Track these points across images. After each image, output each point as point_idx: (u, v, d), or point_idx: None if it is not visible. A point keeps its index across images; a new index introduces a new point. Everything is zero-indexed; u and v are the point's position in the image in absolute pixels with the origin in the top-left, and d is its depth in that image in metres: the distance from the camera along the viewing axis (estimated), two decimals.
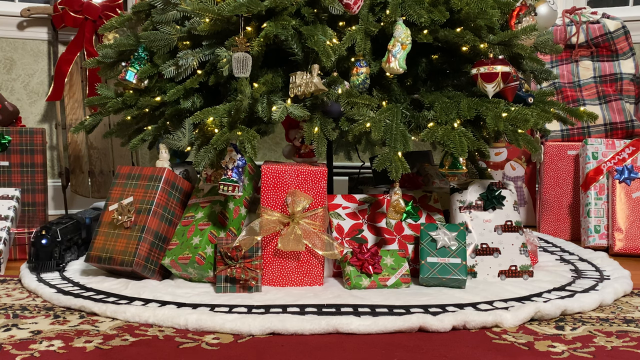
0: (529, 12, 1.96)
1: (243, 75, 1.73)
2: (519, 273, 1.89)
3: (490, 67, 1.83)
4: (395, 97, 1.92)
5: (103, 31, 2.17)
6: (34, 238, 1.93)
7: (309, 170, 1.82)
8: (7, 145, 2.65)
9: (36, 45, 3.27)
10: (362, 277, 1.77)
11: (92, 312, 1.54)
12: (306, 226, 1.79)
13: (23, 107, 3.26)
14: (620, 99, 2.79)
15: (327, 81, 1.81)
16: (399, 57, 1.78)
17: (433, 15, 1.81)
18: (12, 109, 2.77)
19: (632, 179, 2.47)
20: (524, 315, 1.50)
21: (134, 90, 2.06)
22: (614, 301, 1.70)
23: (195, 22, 1.85)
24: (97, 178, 3.17)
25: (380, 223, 1.95)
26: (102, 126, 3.10)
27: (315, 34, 1.76)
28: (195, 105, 1.96)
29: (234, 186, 1.75)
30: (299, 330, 1.41)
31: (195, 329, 1.43)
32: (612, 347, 1.34)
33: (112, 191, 1.94)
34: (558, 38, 2.88)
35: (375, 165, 1.74)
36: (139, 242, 1.80)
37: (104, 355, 1.27)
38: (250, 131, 1.75)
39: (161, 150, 2.02)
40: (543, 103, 2.02)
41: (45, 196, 2.73)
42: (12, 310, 1.58)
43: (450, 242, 1.81)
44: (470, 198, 1.94)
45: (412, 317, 1.45)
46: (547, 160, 2.77)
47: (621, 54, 2.84)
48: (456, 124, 1.79)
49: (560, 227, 2.76)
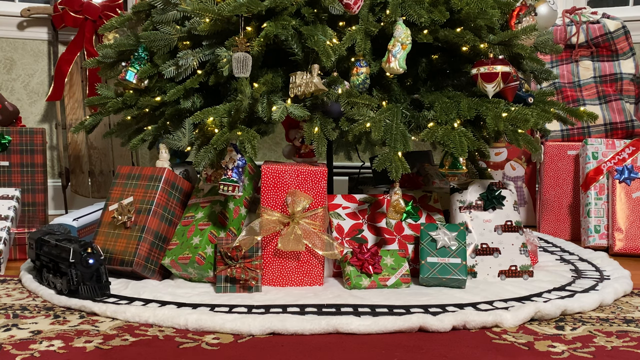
0: (529, 12, 1.96)
1: (243, 75, 1.73)
2: (519, 273, 1.89)
3: (490, 67, 1.83)
4: (395, 97, 1.92)
5: (103, 31, 2.17)
6: (74, 258, 1.62)
7: (309, 170, 1.82)
8: (7, 145, 2.65)
9: (36, 45, 3.27)
10: (362, 277, 1.77)
11: (92, 312, 1.54)
12: (306, 226, 1.79)
13: (23, 107, 3.25)
14: (620, 99, 2.79)
15: (327, 81, 1.81)
16: (399, 57, 1.78)
17: (433, 15, 1.81)
18: (12, 109, 2.77)
19: (632, 179, 2.47)
20: (524, 315, 1.50)
21: (134, 90, 2.06)
22: (614, 301, 1.70)
23: (195, 22, 1.85)
24: (97, 178, 3.17)
25: (380, 223, 1.95)
26: (102, 126, 3.10)
27: (315, 34, 1.76)
28: (195, 105, 1.96)
29: (234, 186, 1.75)
30: (299, 330, 1.41)
31: (195, 329, 1.43)
32: (612, 347, 1.34)
33: (112, 191, 1.94)
34: (558, 38, 2.88)
35: (375, 165, 1.74)
36: (139, 242, 1.80)
37: (104, 355, 1.27)
38: (250, 131, 1.75)
39: (161, 150, 2.01)
40: (543, 103, 2.02)
41: (45, 196, 2.73)
42: (12, 310, 1.58)
43: (450, 242, 1.81)
44: (470, 198, 1.94)
45: (412, 317, 1.45)
46: (547, 160, 2.77)
47: (621, 54, 2.84)
48: (456, 124, 1.79)
49: (560, 227, 2.75)
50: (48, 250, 1.74)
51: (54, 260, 1.70)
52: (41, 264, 1.78)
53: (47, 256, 1.74)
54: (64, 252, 1.65)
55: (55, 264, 1.69)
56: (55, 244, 1.70)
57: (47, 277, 1.73)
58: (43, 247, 1.76)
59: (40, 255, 1.77)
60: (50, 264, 1.72)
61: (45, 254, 1.75)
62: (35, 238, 1.81)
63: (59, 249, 1.68)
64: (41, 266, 1.78)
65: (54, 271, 1.70)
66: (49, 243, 1.74)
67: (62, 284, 1.64)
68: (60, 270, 1.67)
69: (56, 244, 1.70)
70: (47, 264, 1.74)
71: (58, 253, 1.68)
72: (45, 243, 1.76)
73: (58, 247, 1.69)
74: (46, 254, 1.75)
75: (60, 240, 1.71)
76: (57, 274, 1.68)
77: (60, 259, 1.66)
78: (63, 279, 1.64)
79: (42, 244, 1.77)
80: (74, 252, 1.62)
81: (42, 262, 1.78)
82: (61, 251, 1.66)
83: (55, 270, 1.70)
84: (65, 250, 1.64)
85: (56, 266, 1.69)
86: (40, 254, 1.77)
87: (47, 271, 1.74)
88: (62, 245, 1.67)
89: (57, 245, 1.69)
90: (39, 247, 1.78)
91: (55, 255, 1.70)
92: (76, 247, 1.63)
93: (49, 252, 1.73)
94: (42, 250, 1.76)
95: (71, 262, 1.61)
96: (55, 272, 1.69)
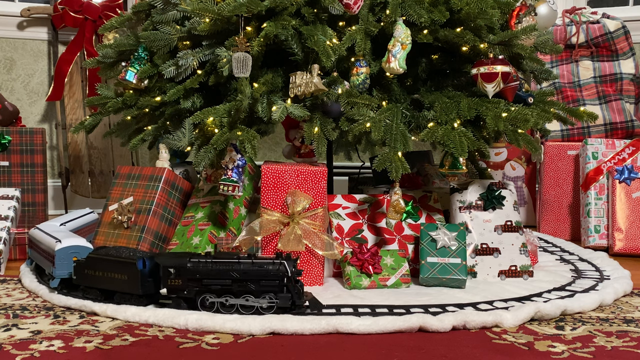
0: (529, 12, 1.96)
1: (243, 75, 1.73)
2: (519, 273, 1.89)
3: (490, 67, 1.83)
4: (395, 97, 1.92)
5: (103, 31, 2.17)
6: (289, 274, 1.51)
7: (309, 170, 1.82)
8: (7, 145, 2.65)
9: (36, 45, 3.27)
10: (362, 277, 1.77)
11: (92, 312, 1.54)
12: (306, 226, 1.79)
13: (23, 107, 3.25)
14: (620, 99, 2.79)
15: (327, 81, 1.81)
16: (399, 57, 1.78)
17: (433, 15, 1.81)
18: (12, 109, 2.77)
19: (632, 179, 2.47)
20: (524, 315, 1.50)
21: (134, 90, 2.06)
22: (614, 301, 1.70)
23: (195, 22, 1.85)
24: (97, 178, 3.17)
25: (380, 223, 1.95)
26: (102, 126, 3.10)
27: (315, 34, 1.76)
28: (195, 105, 1.96)
29: (234, 186, 1.75)
30: (299, 330, 1.41)
31: (195, 328, 1.42)
32: (612, 347, 1.34)
33: (112, 191, 1.94)
34: (558, 38, 2.88)
35: (375, 165, 1.74)
36: (139, 242, 1.80)
37: (104, 355, 1.27)
38: (250, 131, 1.75)
39: (161, 150, 2.02)
40: (543, 103, 2.02)
41: (45, 196, 2.73)
42: (12, 310, 1.58)
43: (450, 242, 1.81)
44: (470, 198, 1.94)
45: (412, 317, 1.45)
46: (547, 160, 2.77)
47: (621, 54, 2.84)
48: (456, 124, 1.79)
49: (560, 227, 2.75)
50: (219, 271, 1.53)
51: (240, 281, 1.51)
52: (200, 289, 1.54)
53: (222, 278, 1.53)
54: (266, 271, 1.51)
55: (242, 284, 1.51)
56: (252, 264, 1.52)
57: (219, 302, 1.53)
58: (201, 271, 1.53)
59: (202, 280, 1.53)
60: (229, 286, 1.52)
61: (217, 276, 1.53)
62: (176, 265, 1.55)
63: (255, 268, 1.52)
64: (199, 292, 1.54)
65: (236, 293, 1.52)
66: (211, 265, 1.53)
67: (270, 302, 1.51)
68: (250, 291, 1.51)
69: (252, 263, 1.52)
70: (215, 286, 1.52)
71: (255, 272, 1.51)
72: (205, 266, 1.53)
73: (255, 265, 1.52)
74: (219, 275, 1.53)
75: (239, 259, 1.53)
76: (245, 295, 1.51)
77: (256, 276, 1.51)
78: (263, 299, 1.50)
79: (200, 268, 1.53)
80: (285, 269, 1.50)
81: (201, 288, 1.53)
82: (259, 270, 1.51)
83: (239, 293, 1.52)
84: (269, 269, 1.51)
85: (242, 286, 1.52)
86: (202, 279, 1.53)
87: (217, 295, 1.53)
88: (259, 263, 1.52)
89: (255, 264, 1.52)
90: (194, 273, 1.53)
91: (248, 274, 1.52)
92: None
93: (223, 273, 1.52)
94: (205, 275, 1.53)
95: (289, 278, 1.50)
96: (240, 294, 1.52)
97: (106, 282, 1.60)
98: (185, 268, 1.53)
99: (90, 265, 1.62)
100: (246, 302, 1.51)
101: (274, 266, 1.51)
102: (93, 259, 1.62)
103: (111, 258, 1.59)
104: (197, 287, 1.53)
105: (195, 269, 1.53)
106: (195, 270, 1.53)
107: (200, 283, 1.53)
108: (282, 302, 1.50)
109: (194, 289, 1.53)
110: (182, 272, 1.53)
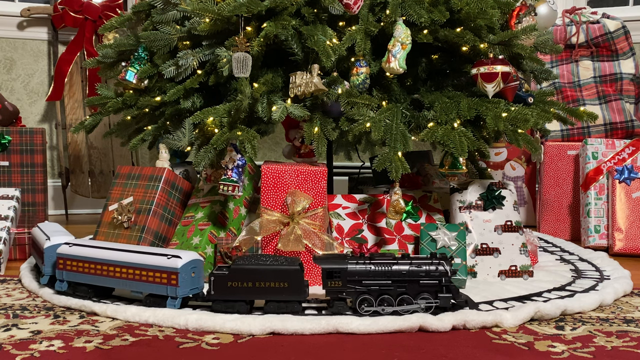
0: (529, 12, 1.96)
1: (243, 75, 1.73)
2: (519, 273, 1.89)
3: (490, 67, 1.83)
4: (395, 97, 1.92)
5: (103, 31, 2.17)
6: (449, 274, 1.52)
7: (309, 170, 1.82)
8: (7, 145, 2.65)
9: (36, 45, 3.27)
10: None
11: (92, 312, 1.54)
12: (306, 226, 1.79)
13: (23, 107, 3.26)
14: (620, 99, 2.79)
15: (327, 81, 1.81)
16: (399, 57, 1.78)
17: (433, 15, 1.81)
18: (12, 109, 2.77)
19: (632, 179, 2.47)
20: (524, 315, 1.50)
21: (134, 90, 2.06)
22: (614, 301, 1.70)
23: (195, 22, 1.85)
24: (97, 178, 3.17)
25: (380, 223, 1.95)
26: (102, 126, 3.10)
27: (315, 34, 1.76)
28: (195, 105, 1.96)
29: (234, 186, 1.75)
30: (299, 330, 1.41)
31: (195, 328, 1.42)
32: (612, 347, 1.34)
33: (112, 191, 1.94)
34: (558, 38, 2.88)
35: (375, 165, 1.74)
36: (139, 242, 1.80)
37: (104, 355, 1.27)
38: (250, 131, 1.75)
39: (161, 150, 2.02)
40: (543, 103, 2.02)
41: (45, 196, 2.73)
42: (12, 310, 1.58)
43: (450, 242, 1.81)
44: (470, 198, 1.94)
45: (412, 317, 1.45)
46: (547, 160, 2.77)
47: (621, 54, 2.84)
48: (456, 124, 1.79)
49: (560, 227, 2.76)
50: (378, 273, 1.54)
51: (399, 281, 1.53)
52: (359, 290, 1.54)
53: (382, 279, 1.54)
54: (425, 271, 1.52)
55: (401, 284, 1.53)
56: (411, 264, 1.54)
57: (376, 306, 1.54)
58: (361, 272, 1.54)
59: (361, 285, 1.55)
60: (389, 287, 1.53)
61: (376, 277, 1.53)
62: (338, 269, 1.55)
63: (414, 268, 1.53)
64: (359, 292, 1.54)
65: (394, 294, 1.52)
66: (373, 272, 1.54)
67: (428, 303, 1.52)
68: (408, 291, 1.53)
69: (411, 263, 1.54)
70: (374, 287, 1.53)
71: (415, 272, 1.53)
72: (365, 267, 1.55)
73: (414, 264, 1.53)
74: (380, 277, 1.53)
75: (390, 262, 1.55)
76: (402, 295, 1.53)
77: (416, 277, 1.52)
78: (422, 300, 1.52)
79: (360, 270, 1.54)
80: (445, 269, 1.52)
81: (360, 288, 1.54)
82: (418, 271, 1.53)
83: (398, 294, 1.53)
84: (429, 269, 1.52)
85: (401, 286, 1.53)
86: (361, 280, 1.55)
87: (376, 295, 1.53)
88: (417, 263, 1.54)
89: (413, 264, 1.54)
90: (354, 275, 1.55)
91: (409, 275, 1.53)
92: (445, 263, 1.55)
93: (382, 274, 1.53)
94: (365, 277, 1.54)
95: (449, 278, 1.52)
96: (398, 295, 1.53)
97: (258, 292, 1.54)
98: (345, 270, 1.54)
99: (236, 277, 1.55)
100: (402, 310, 1.52)
101: (433, 266, 1.53)
102: (239, 270, 1.55)
103: (266, 267, 1.55)
104: (357, 287, 1.54)
105: (355, 271, 1.54)
106: (354, 272, 1.54)
107: (360, 283, 1.54)
108: (444, 302, 1.52)
109: (354, 289, 1.54)
110: (342, 274, 1.54)
